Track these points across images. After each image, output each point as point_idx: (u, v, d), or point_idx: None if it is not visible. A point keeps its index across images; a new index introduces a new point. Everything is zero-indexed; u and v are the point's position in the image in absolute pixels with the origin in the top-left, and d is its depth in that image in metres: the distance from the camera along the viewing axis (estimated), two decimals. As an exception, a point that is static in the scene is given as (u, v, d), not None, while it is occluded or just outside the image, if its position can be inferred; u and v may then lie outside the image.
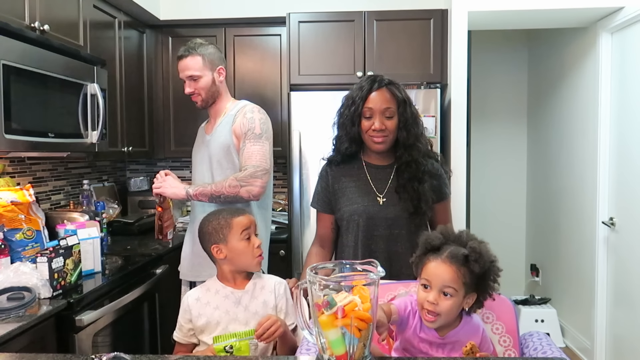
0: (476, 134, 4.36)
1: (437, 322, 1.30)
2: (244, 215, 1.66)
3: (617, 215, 3.14)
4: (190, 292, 1.67)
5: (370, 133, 1.77)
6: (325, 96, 3.06)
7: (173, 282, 2.39)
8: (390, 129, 1.77)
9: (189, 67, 2.18)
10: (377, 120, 1.76)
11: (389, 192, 1.82)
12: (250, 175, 2.05)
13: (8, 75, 1.96)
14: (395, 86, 1.81)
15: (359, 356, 1.13)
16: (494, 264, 1.33)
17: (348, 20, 3.19)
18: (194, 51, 2.18)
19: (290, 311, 1.65)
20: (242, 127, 2.13)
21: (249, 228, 1.63)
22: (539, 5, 3.02)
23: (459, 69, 3.08)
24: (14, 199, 2.03)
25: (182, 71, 2.21)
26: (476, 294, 1.33)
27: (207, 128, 2.30)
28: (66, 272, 1.91)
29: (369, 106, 1.76)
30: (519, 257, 4.57)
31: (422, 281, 1.32)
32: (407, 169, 1.79)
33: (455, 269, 1.28)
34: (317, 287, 1.13)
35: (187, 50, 2.18)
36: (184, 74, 2.21)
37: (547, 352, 1.38)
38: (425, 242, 1.36)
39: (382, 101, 1.76)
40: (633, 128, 2.96)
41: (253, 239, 1.63)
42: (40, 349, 1.69)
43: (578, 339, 3.64)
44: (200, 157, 2.26)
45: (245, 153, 2.10)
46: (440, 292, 1.28)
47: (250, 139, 2.11)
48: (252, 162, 2.08)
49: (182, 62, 2.20)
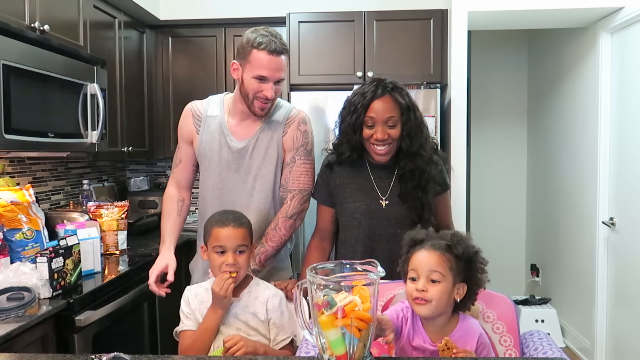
0: (476, 134, 4.37)
1: (428, 308, 1.30)
2: (226, 228, 1.55)
3: (617, 216, 3.14)
4: (191, 287, 1.67)
5: (372, 141, 1.73)
6: (325, 96, 3.07)
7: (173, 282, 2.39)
8: (393, 138, 1.72)
9: (283, 68, 1.78)
10: (379, 129, 1.71)
11: (391, 193, 1.80)
12: (300, 204, 1.86)
13: (8, 75, 1.96)
14: (399, 91, 1.74)
15: (359, 356, 1.13)
16: (478, 253, 1.36)
17: (348, 21, 3.19)
18: (286, 47, 1.78)
19: (286, 325, 1.60)
20: (295, 142, 1.87)
21: (223, 245, 1.54)
22: (539, 5, 3.02)
23: (459, 69, 3.08)
24: (13, 199, 2.03)
25: (275, 70, 1.75)
26: (466, 285, 1.34)
27: (234, 128, 1.88)
28: (66, 272, 1.91)
29: (370, 115, 1.71)
30: (519, 257, 4.58)
31: (410, 274, 1.34)
32: (411, 177, 1.76)
33: (440, 253, 1.32)
34: (317, 287, 1.13)
35: (280, 44, 1.75)
36: (276, 75, 1.76)
37: (547, 352, 1.38)
38: (409, 240, 1.40)
39: (384, 110, 1.70)
40: (633, 128, 2.95)
41: (226, 256, 1.53)
42: (40, 349, 1.70)
43: (578, 339, 3.64)
44: (225, 163, 1.87)
45: (293, 172, 1.87)
46: (428, 280, 1.31)
47: (302, 156, 1.88)
48: (300, 184, 1.86)
49: (277, 59, 1.75)
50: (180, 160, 1.99)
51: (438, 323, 1.34)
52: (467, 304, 1.37)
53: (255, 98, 1.78)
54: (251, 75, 1.75)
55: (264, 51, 1.72)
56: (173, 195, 1.99)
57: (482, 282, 1.36)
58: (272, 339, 1.58)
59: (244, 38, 1.77)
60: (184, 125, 1.95)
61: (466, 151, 3.13)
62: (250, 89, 1.77)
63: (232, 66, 1.83)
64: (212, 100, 1.96)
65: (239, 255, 1.56)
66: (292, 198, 1.85)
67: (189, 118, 1.94)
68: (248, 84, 1.77)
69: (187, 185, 2.01)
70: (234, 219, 1.59)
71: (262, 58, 1.73)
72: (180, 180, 2.00)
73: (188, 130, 1.94)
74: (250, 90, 1.77)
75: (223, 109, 1.91)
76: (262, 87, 1.75)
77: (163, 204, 2.00)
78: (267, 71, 1.74)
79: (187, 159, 1.97)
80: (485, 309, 1.51)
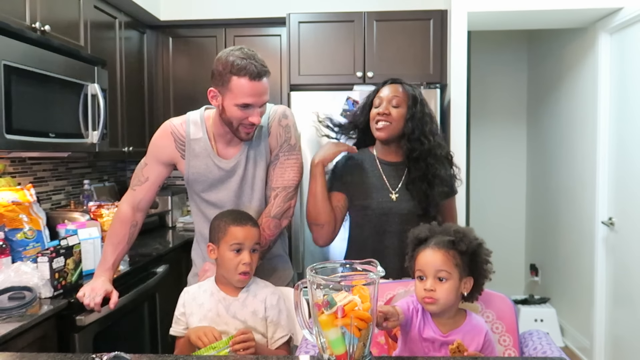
0: (476, 134, 4.37)
1: (437, 305, 1.33)
2: (245, 227, 1.56)
3: (616, 215, 3.15)
4: (189, 289, 1.66)
5: (374, 117, 1.82)
6: (325, 96, 3.07)
7: (173, 282, 2.40)
8: (394, 117, 1.79)
9: (267, 90, 1.66)
10: (383, 105, 1.80)
11: (402, 189, 1.83)
12: (284, 201, 1.77)
13: (9, 75, 1.96)
14: (411, 85, 1.87)
15: (359, 356, 1.13)
16: (481, 245, 1.39)
17: (348, 21, 3.20)
18: (267, 69, 1.64)
19: (284, 323, 1.60)
20: (278, 139, 1.79)
21: (242, 243, 1.54)
22: (538, 5, 3.02)
23: (458, 69, 3.09)
24: (14, 199, 2.04)
25: (259, 96, 1.63)
26: (472, 278, 1.37)
27: (221, 150, 1.79)
28: (67, 272, 1.91)
29: (379, 96, 1.83)
30: (519, 257, 4.58)
31: (418, 273, 1.37)
32: (416, 165, 1.79)
33: (444, 252, 1.35)
34: (317, 286, 1.14)
35: (261, 66, 1.63)
36: (261, 100, 1.64)
37: (546, 352, 1.39)
38: (413, 238, 1.43)
39: (392, 92, 1.82)
40: (632, 128, 2.96)
41: (243, 254, 1.54)
42: (40, 348, 1.70)
43: (577, 339, 3.65)
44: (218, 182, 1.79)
45: (277, 169, 1.79)
46: (435, 279, 1.33)
47: (285, 152, 1.79)
48: (284, 181, 1.78)
49: (259, 84, 1.62)
50: (147, 179, 1.83)
51: (447, 316, 1.37)
52: (475, 295, 1.40)
53: (241, 125, 1.67)
54: (234, 104, 1.63)
55: (245, 77, 1.59)
56: (126, 218, 1.84)
57: (488, 272, 1.39)
58: (270, 336, 1.59)
59: (220, 62, 1.64)
60: (163, 146, 1.82)
61: (466, 151, 3.14)
62: (234, 118, 1.66)
63: (209, 94, 1.69)
64: (191, 120, 1.82)
65: (253, 254, 1.58)
66: (275, 196, 1.77)
67: (170, 141, 1.81)
68: (231, 112, 1.65)
69: (144, 208, 1.88)
70: (249, 218, 1.62)
71: (244, 85, 1.60)
72: (141, 201, 1.85)
73: (169, 153, 1.82)
74: (234, 119, 1.66)
75: (206, 130, 1.79)
76: (247, 114, 1.64)
77: (113, 224, 1.86)
78: (251, 98, 1.62)
79: (155, 179, 1.84)
80: (484, 308, 1.52)
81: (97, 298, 1.73)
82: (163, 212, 3.42)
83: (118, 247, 1.84)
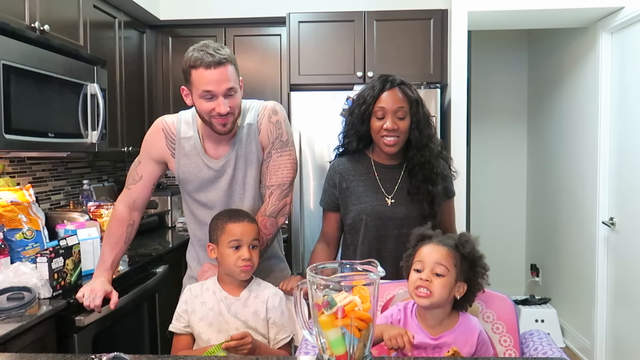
0: (476, 134, 4.37)
1: (429, 299, 1.33)
2: (241, 223, 1.57)
3: (617, 215, 3.14)
4: (192, 286, 1.66)
5: (382, 133, 1.74)
6: (325, 96, 3.07)
7: (173, 282, 2.39)
8: (402, 130, 1.74)
9: (229, 78, 1.63)
10: (389, 120, 1.72)
11: (397, 193, 1.80)
12: (278, 199, 1.76)
13: (8, 75, 1.96)
14: (408, 86, 1.78)
15: (359, 356, 1.13)
16: (481, 257, 1.40)
17: (348, 21, 3.20)
18: (227, 57, 1.64)
19: (286, 324, 1.60)
20: (269, 136, 1.77)
21: (240, 239, 1.55)
22: (539, 5, 3.02)
23: (459, 69, 3.08)
24: (13, 199, 2.03)
25: (218, 83, 1.61)
26: (467, 285, 1.38)
27: (210, 150, 1.78)
28: (66, 272, 1.91)
29: (380, 105, 1.73)
30: (519, 257, 4.58)
31: (415, 265, 1.38)
32: (421, 170, 1.77)
33: (447, 249, 1.37)
34: (317, 287, 1.13)
35: (218, 55, 1.62)
36: (222, 87, 1.62)
37: (547, 352, 1.39)
38: (419, 234, 1.45)
39: (394, 101, 1.73)
40: (633, 128, 2.96)
41: (242, 250, 1.55)
42: (40, 349, 1.69)
43: (578, 339, 3.64)
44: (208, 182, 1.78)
45: (270, 167, 1.77)
46: (432, 272, 1.34)
47: (277, 149, 1.77)
48: (278, 178, 1.76)
49: (217, 71, 1.61)
50: (142, 177, 1.83)
51: (436, 317, 1.37)
52: (465, 304, 1.41)
53: (211, 117, 1.66)
54: (198, 96, 1.64)
55: (200, 68, 1.61)
56: (123, 217, 1.83)
57: (482, 286, 1.41)
58: (272, 337, 1.58)
59: (183, 61, 1.67)
60: (155, 142, 1.82)
61: (466, 151, 3.13)
62: (202, 111, 1.66)
63: (182, 93, 1.72)
64: (183, 119, 1.81)
65: (253, 250, 1.58)
66: (270, 195, 1.76)
67: (161, 138, 1.81)
68: (199, 106, 1.66)
69: (140, 206, 1.86)
70: (246, 215, 1.63)
71: (201, 75, 1.61)
72: (136, 199, 1.84)
73: (160, 150, 1.82)
74: (203, 112, 1.66)
75: (196, 129, 1.79)
76: (212, 105, 1.63)
77: (110, 224, 1.85)
78: (210, 85, 1.61)
79: (149, 177, 1.84)
80: (485, 308, 1.51)
81: (97, 300, 1.73)
82: (162, 212, 3.42)
83: (116, 247, 1.83)
